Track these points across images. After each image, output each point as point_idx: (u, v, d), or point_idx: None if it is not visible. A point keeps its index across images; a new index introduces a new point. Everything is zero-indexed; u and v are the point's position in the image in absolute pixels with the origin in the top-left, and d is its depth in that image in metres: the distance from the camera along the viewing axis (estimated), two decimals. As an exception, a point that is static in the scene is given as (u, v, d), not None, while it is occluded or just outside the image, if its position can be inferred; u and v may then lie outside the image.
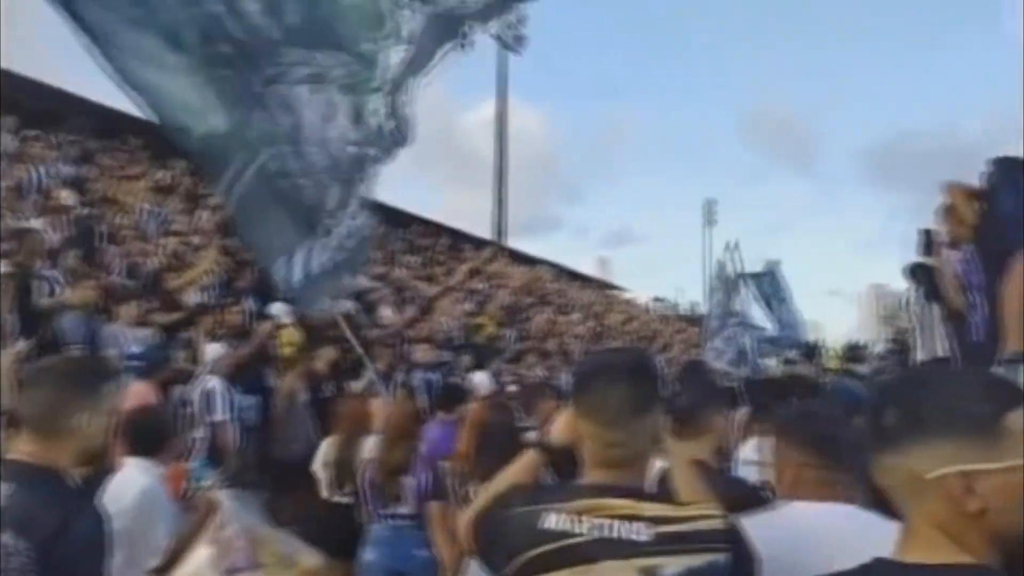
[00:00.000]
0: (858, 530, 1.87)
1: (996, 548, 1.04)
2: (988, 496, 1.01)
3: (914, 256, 5.15)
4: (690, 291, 33.54)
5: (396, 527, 4.25)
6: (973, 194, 4.09)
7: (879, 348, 19.19)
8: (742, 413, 5.14)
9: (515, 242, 30.54)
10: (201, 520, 2.92)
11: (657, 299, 32.62)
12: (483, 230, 29.15)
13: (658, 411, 1.69)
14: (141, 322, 6.99)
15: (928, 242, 4.66)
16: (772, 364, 13.75)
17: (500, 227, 30.68)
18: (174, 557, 2.97)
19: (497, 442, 3.52)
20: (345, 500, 4.67)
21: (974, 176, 4.02)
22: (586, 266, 34.22)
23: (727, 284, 12.55)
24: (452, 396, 6.12)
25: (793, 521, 1.68)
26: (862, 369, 14.07)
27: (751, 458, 3.81)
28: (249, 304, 8.60)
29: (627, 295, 32.46)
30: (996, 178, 3.78)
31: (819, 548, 1.64)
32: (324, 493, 4.85)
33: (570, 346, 16.20)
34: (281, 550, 2.82)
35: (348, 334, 5.89)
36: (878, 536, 1.88)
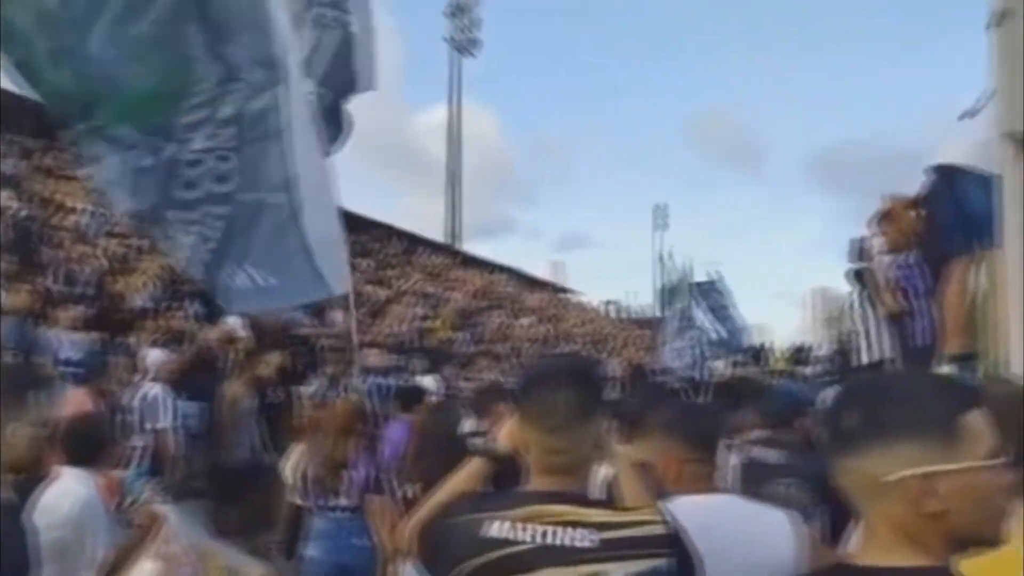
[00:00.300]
0: (743, 518, 1.97)
1: (954, 549, 1.05)
2: (947, 497, 1.01)
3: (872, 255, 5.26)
4: (642, 294, 34.01)
5: (336, 520, 4.33)
6: (912, 202, 4.21)
7: (823, 350, 19.62)
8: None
9: (468, 245, 30.55)
10: (144, 534, 2.84)
11: (609, 302, 32.88)
12: (436, 233, 29.06)
13: (601, 416, 1.68)
14: (79, 327, 6.78)
15: (859, 250, 4.79)
16: (720, 366, 14.00)
17: (454, 230, 30.66)
18: (113, 571, 2.88)
19: (433, 444, 3.65)
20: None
21: (909, 181, 4.14)
22: (540, 269, 34.29)
23: (668, 292, 12.86)
24: (412, 397, 6.18)
25: (682, 514, 1.72)
26: (807, 371, 14.41)
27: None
28: (195, 308, 8.41)
29: (580, 298, 32.65)
30: (934, 186, 3.88)
31: (710, 538, 1.68)
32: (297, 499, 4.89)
33: (523, 349, 16.24)
34: (227, 564, 2.77)
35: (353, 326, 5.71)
36: (761, 522, 1.99)
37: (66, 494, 3.13)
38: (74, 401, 5.43)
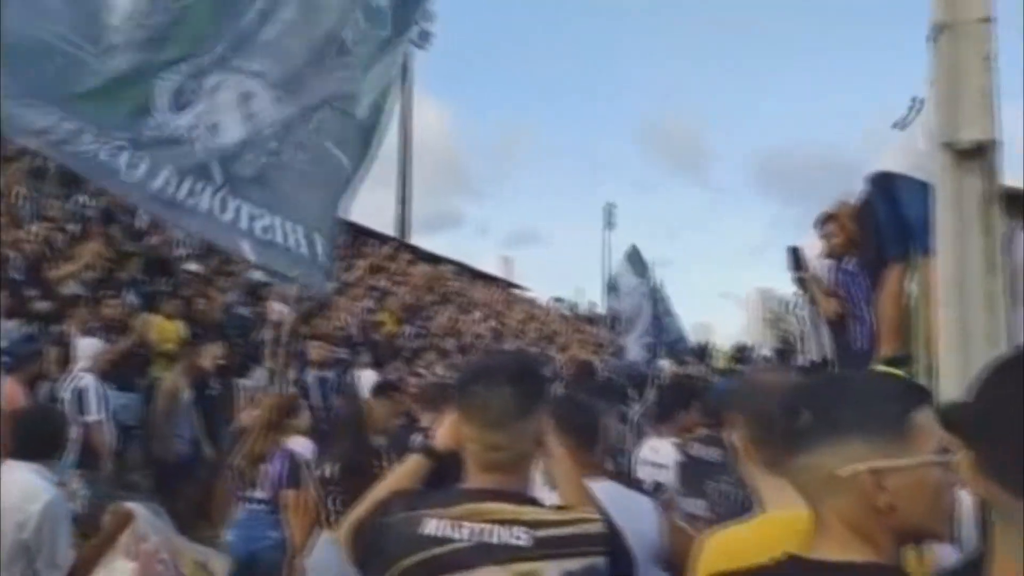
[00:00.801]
0: (613, 505, 2.03)
1: (902, 543, 1.08)
2: (896, 492, 1.04)
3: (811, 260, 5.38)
4: (589, 292, 34.18)
5: (252, 511, 4.53)
6: (855, 209, 4.31)
7: (764, 350, 20.08)
8: (636, 412, 5.22)
9: (417, 239, 30.31)
10: (113, 533, 2.78)
11: (557, 299, 32.90)
12: (386, 226, 28.73)
13: (540, 413, 1.68)
14: (8, 314, 6.51)
15: (795, 258, 4.92)
16: (666, 364, 14.20)
17: (404, 224, 30.37)
18: (82, 571, 2.80)
19: (343, 428, 4.05)
20: None
21: (849, 187, 4.24)
22: (488, 265, 34.11)
23: (644, 286, 13.04)
24: (385, 389, 6.33)
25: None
26: (748, 370, 14.68)
27: (648, 458, 3.90)
28: (129, 297, 8.16)
29: (529, 294, 32.70)
30: (873, 193, 3.98)
31: None
32: None
33: (471, 345, 16.20)
34: (197, 558, 2.78)
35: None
36: (630, 508, 2.09)
37: (35, 493, 3.00)
38: (4, 392, 5.22)
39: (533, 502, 1.62)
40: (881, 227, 3.90)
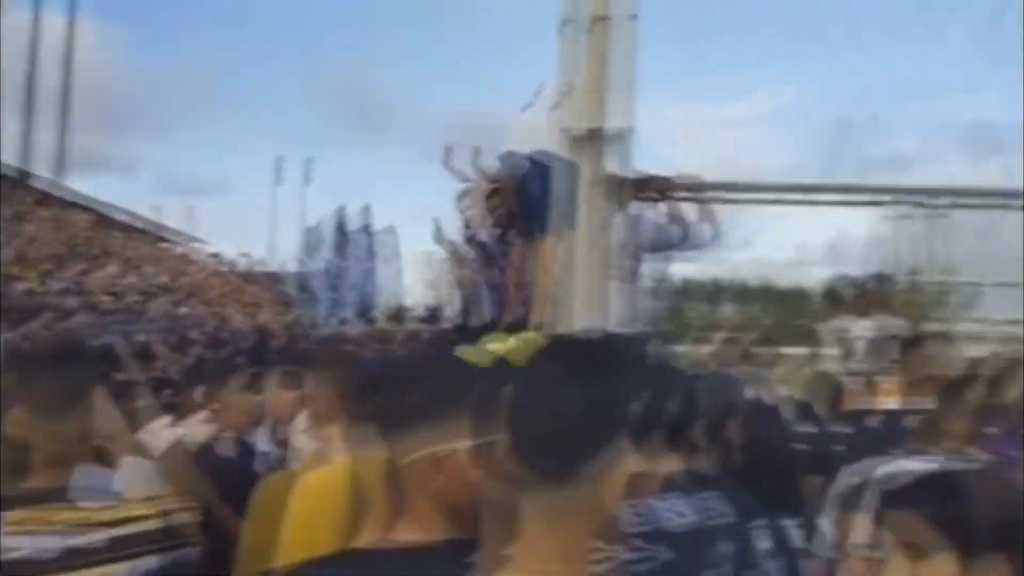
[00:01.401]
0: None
1: (460, 524, 1.08)
2: (451, 474, 1.05)
3: (453, 231, 5.64)
4: (271, 249, 32.37)
5: None
6: (501, 183, 4.59)
7: (421, 312, 20.98)
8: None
9: (74, 180, 26.45)
10: None
11: (213, 254, 30.86)
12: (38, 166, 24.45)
13: (92, 398, 1.48)
14: None
15: (438, 229, 5.20)
16: (331, 323, 14.12)
17: (26, 157, 26.00)
18: None
19: None
20: None
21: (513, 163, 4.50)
22: (143, 210, 30.54)
23: (316, 243, 12.79)
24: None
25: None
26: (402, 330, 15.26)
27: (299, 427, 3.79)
28: None
29: (201, 248, 30.42)
30: (522, 170, 4.27)
31: None
32: None
33: (135, 303, 14.62)
34: None
35: None
36: None
37: None
38: None
39: (70, 501, 1.40)
40: (526, 202, 4.20)
